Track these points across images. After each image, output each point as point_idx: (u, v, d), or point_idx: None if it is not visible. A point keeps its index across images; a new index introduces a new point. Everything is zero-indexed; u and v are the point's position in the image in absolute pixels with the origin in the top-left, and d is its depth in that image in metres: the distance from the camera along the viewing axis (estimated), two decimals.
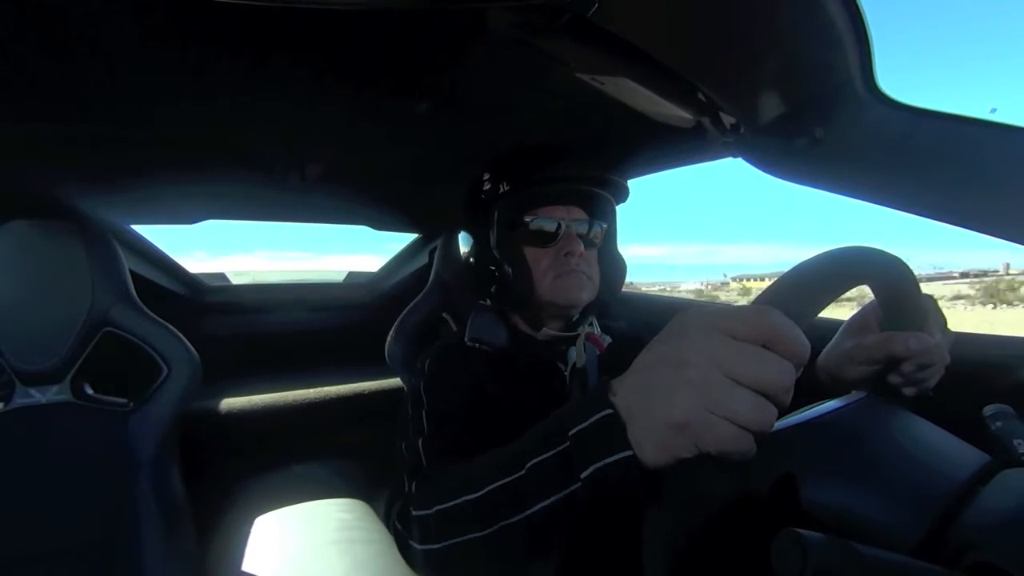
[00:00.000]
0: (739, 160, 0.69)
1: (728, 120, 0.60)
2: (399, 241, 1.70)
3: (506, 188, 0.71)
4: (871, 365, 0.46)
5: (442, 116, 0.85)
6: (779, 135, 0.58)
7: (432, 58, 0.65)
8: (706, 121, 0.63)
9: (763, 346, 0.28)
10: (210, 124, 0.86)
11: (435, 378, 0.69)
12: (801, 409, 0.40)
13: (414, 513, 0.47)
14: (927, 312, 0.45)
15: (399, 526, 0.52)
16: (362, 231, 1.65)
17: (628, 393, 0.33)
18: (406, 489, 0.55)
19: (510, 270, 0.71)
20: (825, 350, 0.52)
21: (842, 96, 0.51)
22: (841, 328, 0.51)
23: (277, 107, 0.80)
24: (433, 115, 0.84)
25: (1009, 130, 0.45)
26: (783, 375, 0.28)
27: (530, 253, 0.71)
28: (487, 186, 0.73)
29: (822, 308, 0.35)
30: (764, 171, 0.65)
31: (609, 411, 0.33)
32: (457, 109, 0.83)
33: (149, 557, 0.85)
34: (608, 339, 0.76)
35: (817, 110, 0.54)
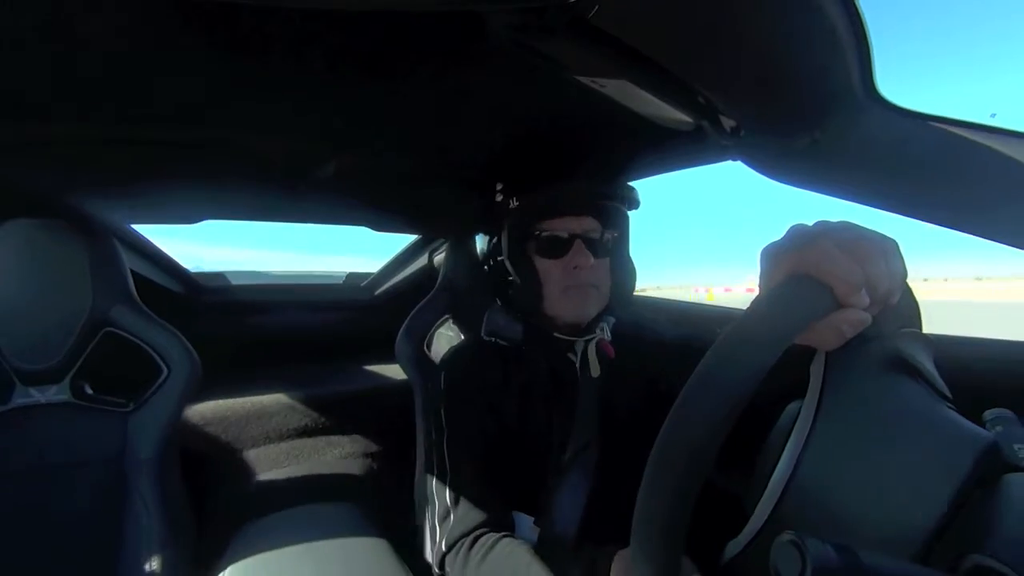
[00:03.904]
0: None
1: (728, 123, 0.60)
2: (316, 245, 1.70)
3: (516, 204, 0.73)
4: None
5: (443, 119, 0.85)
6: (779, 138, 0.58)
7: (433, 61, 0.65)
8: (706, 124, 0.63)
9: None
10: (211, 124, 0.86)
11: (451, 402, 0.74)
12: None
13: None
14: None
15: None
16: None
17: None
18: (432, 524, 0.67)
19: (520, 280, 0.72)
20: None
21: (841, 99, 0.51)
22: None
23: (278, 108, 0.80)
24: (434, 117, 0.85)
25: (1008, 135, 0.45)
26: None
27: (541, 264, 0.72)
28: (499, 198, 0.75)
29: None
30: (763, 174, 0.65)
31: None
32: (458, 112, 0.83)
33: (149, 557, 0.85)
34: (612, 320, 0.78)
35: (817, 113, 0.54)
